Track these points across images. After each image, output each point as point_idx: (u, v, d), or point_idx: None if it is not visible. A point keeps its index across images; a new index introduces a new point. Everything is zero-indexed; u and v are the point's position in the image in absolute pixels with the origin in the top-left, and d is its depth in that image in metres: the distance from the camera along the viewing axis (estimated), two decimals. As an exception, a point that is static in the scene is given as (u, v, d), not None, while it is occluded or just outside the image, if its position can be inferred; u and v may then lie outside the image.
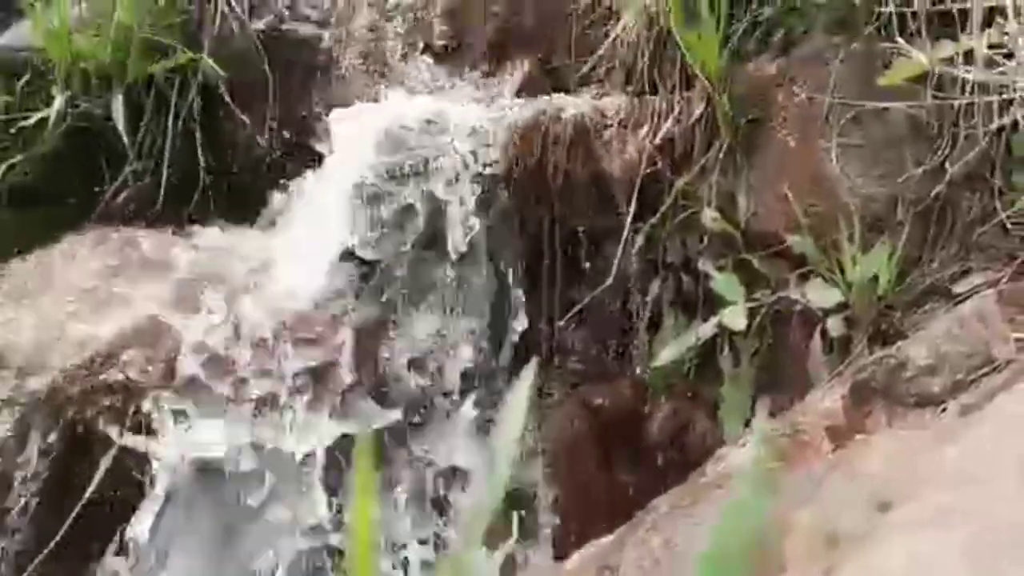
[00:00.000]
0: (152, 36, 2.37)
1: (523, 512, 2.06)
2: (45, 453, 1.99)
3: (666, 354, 2.00)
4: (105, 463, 1.98)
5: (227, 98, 2.42)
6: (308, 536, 2.01)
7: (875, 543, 0.60)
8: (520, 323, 2.19)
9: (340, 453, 2.01)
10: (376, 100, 2.47)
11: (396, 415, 2.07)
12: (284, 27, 2.50)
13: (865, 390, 1.35)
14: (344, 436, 2.00)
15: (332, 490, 2.00)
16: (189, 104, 2.40)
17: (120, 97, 2.34)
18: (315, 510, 2.00)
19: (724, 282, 1.98)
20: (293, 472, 2.00)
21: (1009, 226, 1.71)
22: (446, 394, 2.13)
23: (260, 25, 2.46)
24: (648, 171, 2.15)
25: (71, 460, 1.99)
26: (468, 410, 2.13)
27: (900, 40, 1.77)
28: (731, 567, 0.40)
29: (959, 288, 1.70)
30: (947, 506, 0.56)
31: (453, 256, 2.16)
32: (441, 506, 2.12)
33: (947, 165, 1.77)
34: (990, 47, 1.68)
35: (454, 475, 2.13)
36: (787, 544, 0.75)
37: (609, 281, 2.16)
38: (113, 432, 1.96)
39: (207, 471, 1.98)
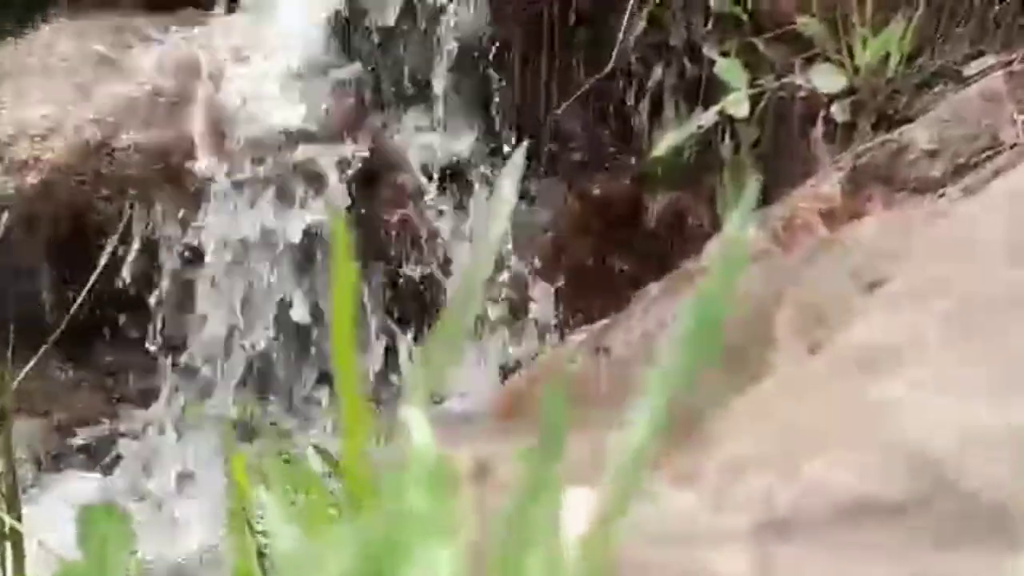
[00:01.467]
0: None
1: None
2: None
3: (666, 142, 1.97)
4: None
5: None
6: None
7: (857, 320, 0.60)
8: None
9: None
10: None
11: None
12: None
13: (864, 175, 1.33)
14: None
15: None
16: None
17: None
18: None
19: (727, 67, 1.92)
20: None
21: (1028, 4, 1.64)
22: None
23: None
24: (653, -53, 2.04)
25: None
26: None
27: None
28: (705, 338, 0.39)
29: (970, 70, 1.64)
30: (931, 280, 0.55)
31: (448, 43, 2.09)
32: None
33: (968, -63, 1.68)
34: None
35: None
36: (776, 319, 0.76)
37: (610, 66, 2.09)
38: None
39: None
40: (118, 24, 2.23)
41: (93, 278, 1.98)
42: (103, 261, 2.00)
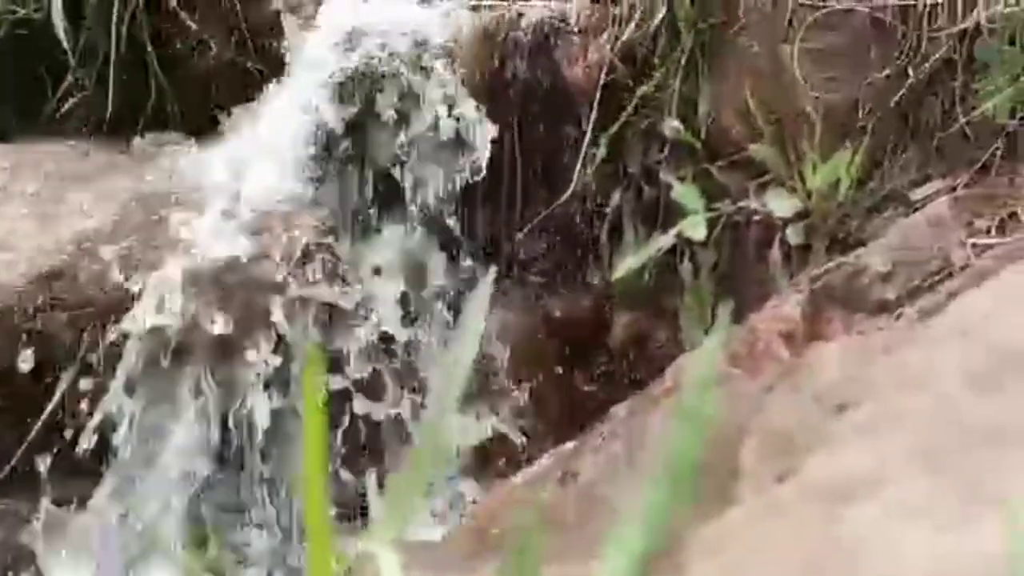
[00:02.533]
0: (91, -65, 2.26)
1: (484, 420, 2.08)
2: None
3: (627, 264, 2.00)
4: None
5: (173, 3, 2.33)
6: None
7: (828, 446, 0.60)
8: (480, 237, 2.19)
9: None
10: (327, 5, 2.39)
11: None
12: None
13: (822, 297, 1.36)
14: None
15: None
16: (133, 7, 2.30)
17: (59, 1, 2.24)
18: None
19: (684, 192, 1.97)
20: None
21: (969, 132, 1.71)
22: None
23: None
24: (608, 79, 2.11)
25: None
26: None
27: (865, -60, 1.73)
28: (680, 472, 0.39)
29: (918, 194, 1.70)
30: (895, 408, 0.55)
31: (412, 170, 2.13)
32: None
33: (910, 69, 1.76)
34: (955, -53, 1.65)
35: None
36: (741, 449, 0.75)
37: (569, 191, 2.14)
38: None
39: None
40: (76, 151, 2.25)
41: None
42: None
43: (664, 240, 1.95)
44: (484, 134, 2.11)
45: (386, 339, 2.09)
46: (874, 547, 0.45)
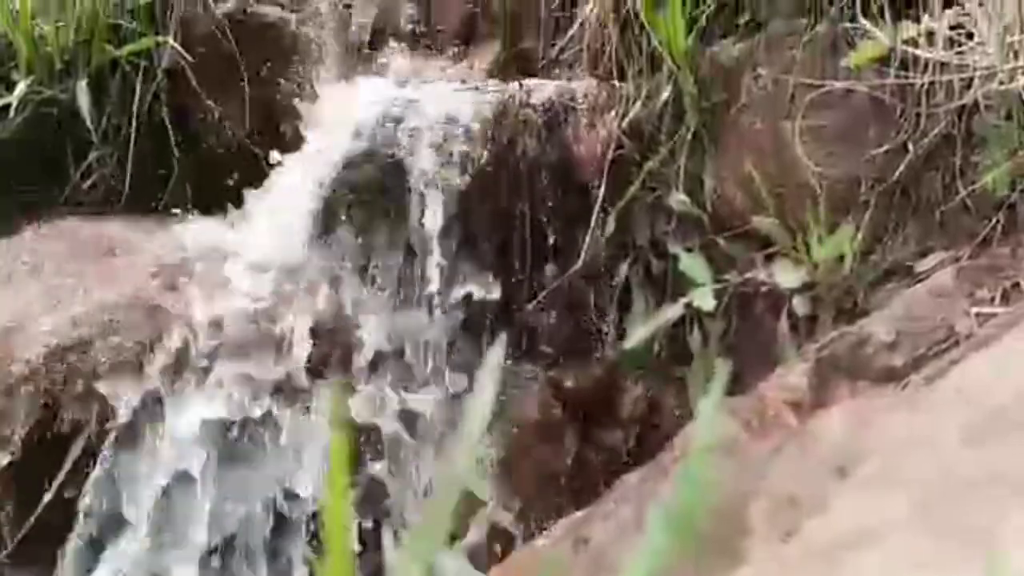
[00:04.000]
0: (116, 20, 2.35)
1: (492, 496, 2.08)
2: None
3: (636, 335, 2.02)
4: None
5: (193, 83, 2.40)
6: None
7: (832, 506, 0.62)
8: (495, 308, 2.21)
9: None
10: (346, 84, 2.47)
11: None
12: (250, 10, 2.48)
13: (828, 366, 1.38)
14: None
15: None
16: (154, 89, 2.38)
17: (84, 82, 2.32)
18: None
19: (692, 263, 2.00)
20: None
21: (970, 205, 1.74)
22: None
23: (226, 8, 2.44)
24: (616, 154, 2.16)
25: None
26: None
27: (863, 21, 1.80)
28: (682, 531, 0.41)
29: (921, 266, 1.73)
30: (896, 468, 0.57)
31: (427, 243, 2.17)
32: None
33: (909, 145, 1.80)
34: (951, 28, 1.70)
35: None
36: (751, 509, 0.77)
37: (579, 264, 2.17)
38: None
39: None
40: (100, 231, 2.29)
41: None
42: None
43: (673, 311, 1.98)
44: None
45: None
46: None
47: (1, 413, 1.96)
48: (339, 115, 2.24)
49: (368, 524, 2.04)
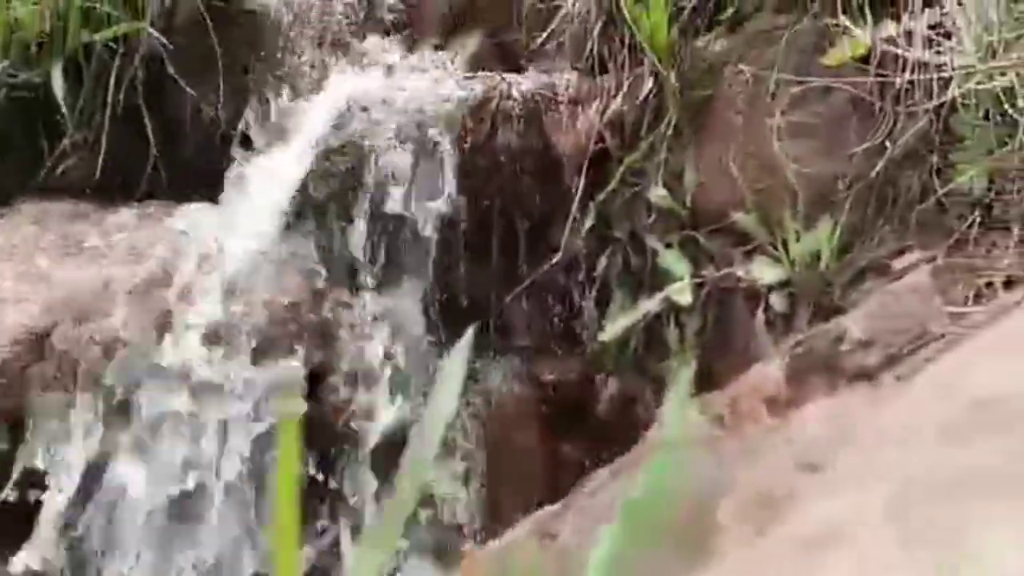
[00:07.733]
0: (92, 5, 2.32)
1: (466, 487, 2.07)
2: None
3: (613, 329, 2.02)
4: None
5: (171, 70, 2.37)
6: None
7: (803, 503, 0.61)
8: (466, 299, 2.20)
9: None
10: (326, 74, 2.45)
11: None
12: (230, -3, 2.46)
13: (804, 363, 1.38)
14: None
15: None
16: (131, 75, 2.35)
17: (59, 67, 2.28)
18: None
19: (670, 258, 2.00)
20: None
21: (946, 204, 1.75)
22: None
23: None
24: (597, 148, 2.16)
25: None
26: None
27: (844, 19, 1.80)
28: (646, 524, 0.41)
29: (897, 264, 1.73)
30: (870, 464, 0.57)
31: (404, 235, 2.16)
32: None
33: (888, 143, 1.81)
34: (930, 27, 1.71)
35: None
36: (724, 505, 0.77)
37: (558, 257, 2.17)
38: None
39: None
40: (78, 211, 2.27)
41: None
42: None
43: (651, 305, 1.98)
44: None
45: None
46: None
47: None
48: (317, 104, 2.22)
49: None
